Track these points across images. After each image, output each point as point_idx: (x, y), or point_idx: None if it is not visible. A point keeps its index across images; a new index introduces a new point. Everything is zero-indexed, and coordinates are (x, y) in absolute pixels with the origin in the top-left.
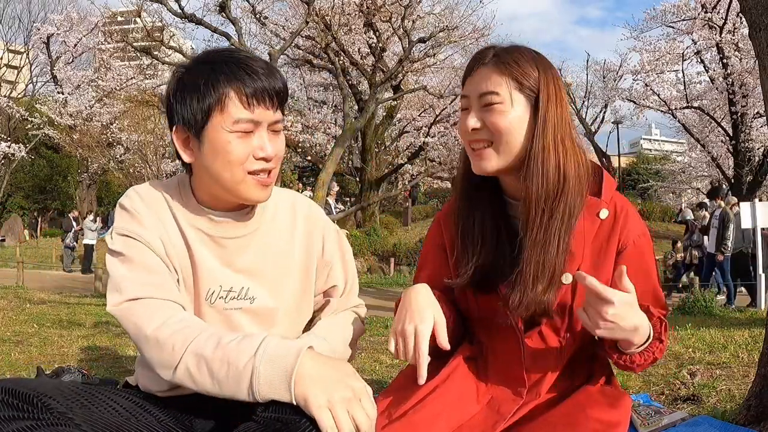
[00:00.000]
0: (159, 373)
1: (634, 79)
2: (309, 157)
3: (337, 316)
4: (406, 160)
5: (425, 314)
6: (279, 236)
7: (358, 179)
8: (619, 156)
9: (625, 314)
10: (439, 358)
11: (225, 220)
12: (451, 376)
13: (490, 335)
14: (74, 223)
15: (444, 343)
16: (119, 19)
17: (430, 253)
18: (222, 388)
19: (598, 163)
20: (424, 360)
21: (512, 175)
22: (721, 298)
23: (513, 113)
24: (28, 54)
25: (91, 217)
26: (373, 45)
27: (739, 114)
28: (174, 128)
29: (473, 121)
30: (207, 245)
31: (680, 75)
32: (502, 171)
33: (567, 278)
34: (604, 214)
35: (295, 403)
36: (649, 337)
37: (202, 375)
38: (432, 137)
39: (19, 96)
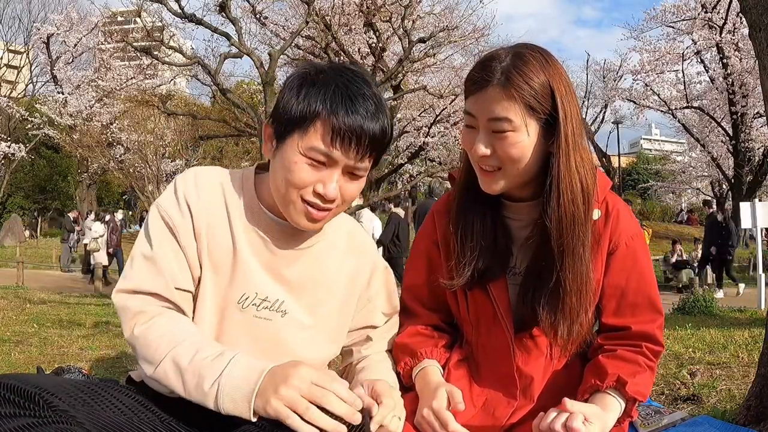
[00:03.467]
0: (141, 366)
1: (634, 79)
2: None
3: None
4: (406, 160)
5: (437, 392)
6: (330, 260)
7: None
8: (619, 156)
9: None
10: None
11: (284, 225)
12: (445, 380)
13: (480, 336)
14: (74, 225)
15: (459, 404)
16: (119, 19)
17: (421, 253)
18: (192, 397)
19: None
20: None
21: (514, 188)
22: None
23: (526, 140)
24: (28, 54)
25: (92, 216)
26: (373, 45)
27: (739, 114)
28: (269, 121)
29: (483, 149)
30: (256, 247)
31: (680, 75)
32: (510, 189)
33: None
34: (596, 214)
35: (255, 420)
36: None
37: (177, 381)
38: (432, 137)
39: (19, 96)
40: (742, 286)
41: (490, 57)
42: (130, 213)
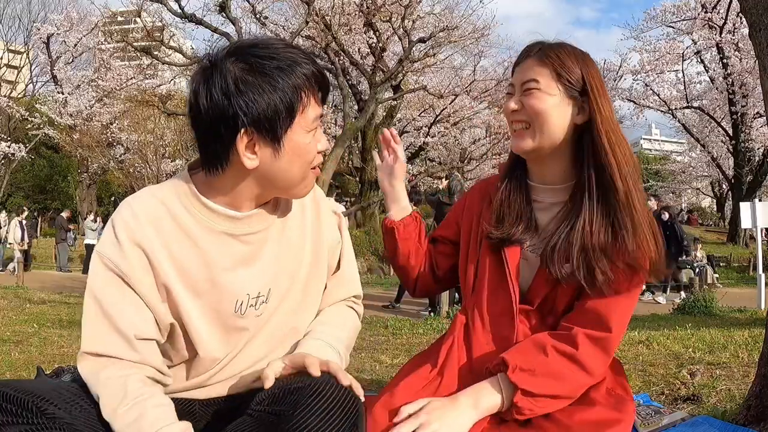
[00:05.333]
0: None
1: (634, 79)
2: None
3: (337, 316)
4: (405, 160)
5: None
6: (292, 223)
7: (358, 179)
8: None
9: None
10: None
11: (248, 215)
12: (446, 364)
13: (481, 301)
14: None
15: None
16: (119, 19)
17: (452, 217)
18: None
19: None
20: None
21: (540, 162)
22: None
23: (550, 100)
24: (28, 54)
25: (91, 216)
26: (373, 45)
27: (739, 114)
28: (241, 132)
29: (513, 103)
30: (226, 248)
31: (680, 75)
32: (536, 152)
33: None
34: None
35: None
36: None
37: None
38: (432, 137)
39: (19, 96)
40: (682, 294)
41: (535, 42)
42: None
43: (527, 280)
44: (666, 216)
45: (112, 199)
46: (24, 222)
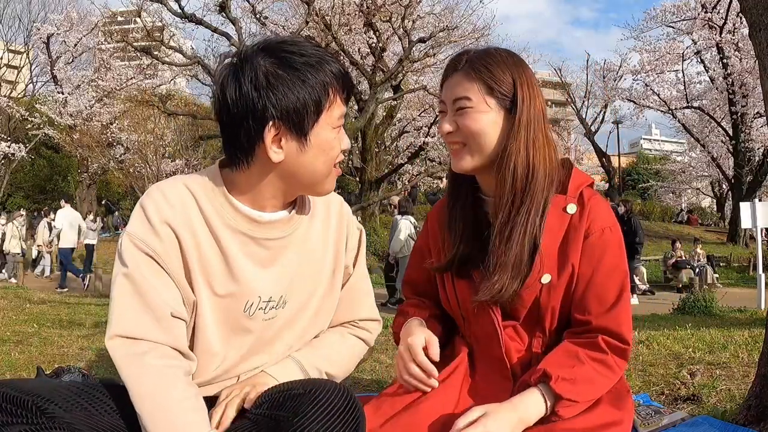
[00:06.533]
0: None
1: (634, 79)
2: None
3: (336, 342)
4: (406, 160)
5: (416, 333)
6: (315, 234)
7: (358, 179)
8: (619, 156)
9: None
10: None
11: (270, 220)
12: (446, 377)
13: (470, 325)
14: (46, 228)
15: (435, 354)
16: (119, 19)
17: (417, 251)
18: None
19: (595, 161)
20: (427, 366)
21: (486, 174)
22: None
23: (485, 117)
24: (28, 54)
25: (91, 216)
26: (373, 45)
27: (739, 114)
28: (269, 125)
29: (447, 125)
30: (246, 248)
31: (680, 75)
32: (477, 170)
33: (545, 278)
34: (571, 209)
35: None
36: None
37: (138, 397)
38: (432, 137)
39: (19, 96)
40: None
41: (461, 52)
42: (111, 216)
43: None
44: (622, 209)
45: (103, 202)
46: (53, 223)
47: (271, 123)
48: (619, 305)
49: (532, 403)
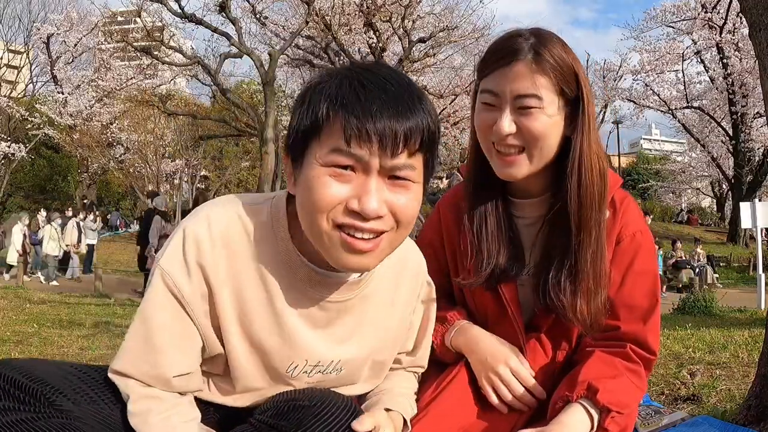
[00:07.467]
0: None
1: (634, 79)
2: None
3: (401, 382)
4: None
5: (507, 353)
6: (381, 299)
7: None
8: (619, 156)
9: None
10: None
11: (330, 278)
12: (454, 378)
13: (487, 328)
14: (75, 228)
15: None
16: (119, 19)
17: (427, 244)
18: None
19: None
20: (540, 391)
21: (526, 179)
22: None
23: (551, 119)
24: (28, 54)
25: (91, 217)
26: (373, 45)
27: (739, 114)
28: (285, 147)
29: (509, 125)
30: (301, 307)
31: (680, 75)
32: (528, 175)
33: None
34: (605, 214)
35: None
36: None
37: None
38: None
39: (19, 96)
40: None
41: (513, 34)
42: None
43: (530, 305)
44: None
45: (89, 203)
46: (81, 223)
47: (285, 149)
48: (648, 312)
49: (579, 420)
